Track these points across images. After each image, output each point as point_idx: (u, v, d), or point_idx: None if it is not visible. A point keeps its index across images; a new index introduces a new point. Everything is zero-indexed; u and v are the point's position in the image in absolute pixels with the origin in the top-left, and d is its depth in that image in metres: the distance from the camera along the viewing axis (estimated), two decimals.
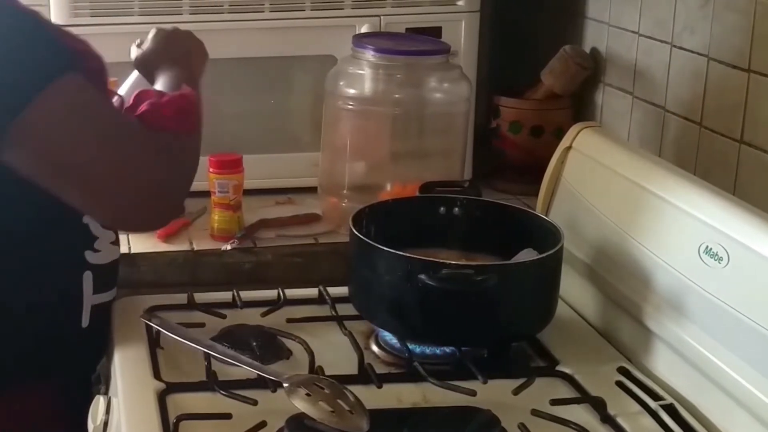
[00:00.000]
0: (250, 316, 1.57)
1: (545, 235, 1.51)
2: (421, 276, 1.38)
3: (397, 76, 1.99)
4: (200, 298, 1.64)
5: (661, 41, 1.91)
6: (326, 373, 1.38)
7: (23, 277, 1.42)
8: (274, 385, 1.33)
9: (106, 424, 1.41)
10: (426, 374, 1.38)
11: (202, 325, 1.54)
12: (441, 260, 1.42)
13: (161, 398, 1.34)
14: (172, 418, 1.28)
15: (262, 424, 1.25)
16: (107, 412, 1.41)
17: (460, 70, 2.03)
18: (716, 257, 1.34)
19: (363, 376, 1.39)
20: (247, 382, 1.36)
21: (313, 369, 1.40)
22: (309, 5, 2.14)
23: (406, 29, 2.14)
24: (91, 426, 1.43)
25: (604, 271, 1.56)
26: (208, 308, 1.59)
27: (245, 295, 1.64)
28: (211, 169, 1.95)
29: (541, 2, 2.44)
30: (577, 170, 1.69)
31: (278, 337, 1.50)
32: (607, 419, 1.31)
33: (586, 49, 2.20)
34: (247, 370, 1.37)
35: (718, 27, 1.74)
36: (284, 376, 1.33)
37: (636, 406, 1.34)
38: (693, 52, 1.82)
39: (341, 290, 1.60)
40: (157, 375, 1.40)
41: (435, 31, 2.15)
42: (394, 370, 1.45)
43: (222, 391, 1.34)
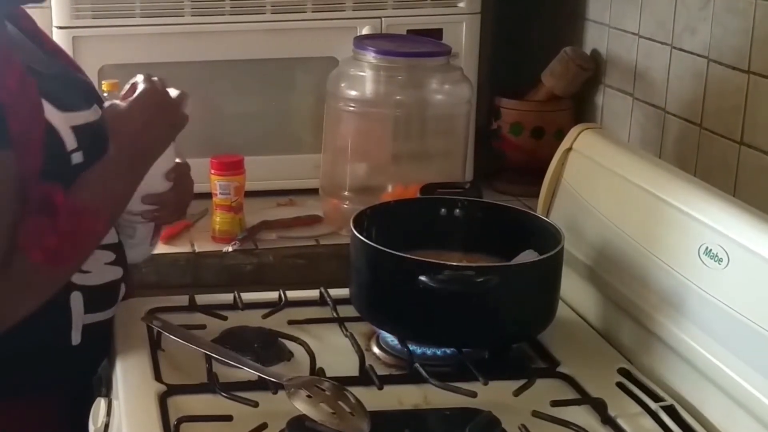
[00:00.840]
0: (252, 318, 1.57)
1: (546, 237, 1.50)
2: (422, 277, 1.38)
3: (399, 78, 1.99)
4: (201, 299, 1.63)
5: (662, 43, 1.91)
6: (327, 375, 1.37)
7: None
8: (275, 387, 1.33)
9: (107, 427, 1.40)
10: (427, 376, 1.37)
11: (203, 326, 1.54)
12: (442, 262, 1.42)
13: (162, 400, 1.34)
14: (173, 420, 1.28)
15: (263, 426, 1.25)
16: (108, 414, 1.41)
17: (461, 72, 2.03)
18: (716, 258, 1.34)
19: (364, 378, 1.39)
20: (248, 384, 1.36)
21: (314, 371, 1.39)
22: (310, 7, 2.14)
23: (407, 31, 2.15)
24: (92, 428, 1.42)
25: (605, 273, 1.56)
26: (210, 310, 1.59)
27: (246, 297, 1.63)
28: (212, 171, 1.95)
29: (542, 4, 2.44)
30: (577, 171, 1.69)
31: (279, 339, 1.50)
32: (608, 420, 1.31)
33: (587, 51, 2.20)
34: (248, 372, 1.37)
35: (719, 28, 1.74)
36: (285, 377, 1.33)
37: (636, 408, 1.34)
38: (693, 53, 1.82)
39: (342, 292, 1.59)
40: (158, 377, 1.40)
41: (436, 33, 2.16)
42: (395, 371, 1.44)
43: (223, 393, 1.33)
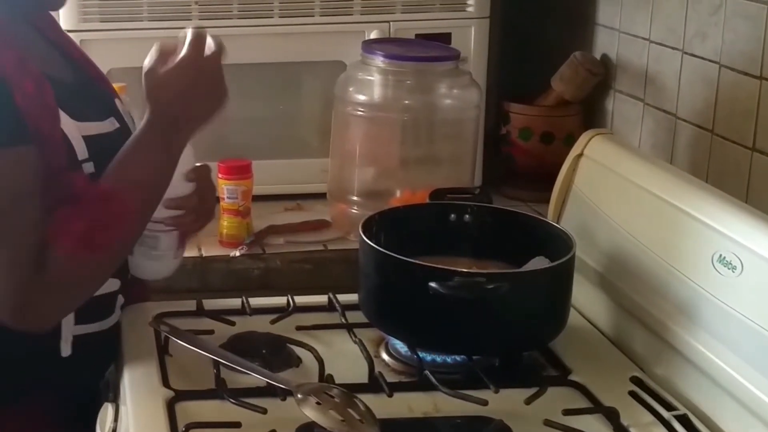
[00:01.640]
0: (260, 323, 1.56)
1: (557, 243, 1.49)
2: (432, 284, 1.37)
3: (407, 82, 1.98)
4: (209, 304, 1.62)
5: (672, 48, 1.90)
6: (336, 382, 1.36)
7: None
8: (284, 394, 1.32)
9: None
10: (437, 383, 1.36)
11: (211, 332, 1.53)
12: (452, 268, 1.41)
13: (170, 406, 1.33)
14: (180, 427, 1.27)
15: None
16: (115, 419, 1.40)
17: (470, 76, 2.03)
18: (730, 266, 1.33)
19: (373, 385, 1.38)
20: (256, 390, 1.35)
21: (323, 377, 1.38)
22: (318, 11, 2.13)
23: (416, 35, 2.14)
24: None
25: (617, 280, 1.55)
26: (217, 315, 1.58)
27: (254, 302, 1.62)
28: (220, 175, 1.95)
29: (552, 8, 2.43)
30: (588, 178, 1.68)
31: (288, 345, 1.49)
32: (621, 429, 1.30)
33: (597, 56, 2.19)
34: (256, 378, 1.36)
35: (730, 34, 1.73)
36: (294, 384, 1.32)
37: (649, 417, 1.33)
38: (704, 58, 1.81)
39: (351, 297, 1.58)
40: (165, 382, 1.39)
41: (445, 37, 2.15)
42: (405, 378, 1.43)
43: (231, 399, 1.32)
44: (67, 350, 1.42)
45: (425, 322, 1.42)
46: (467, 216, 1.63)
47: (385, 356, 1.49)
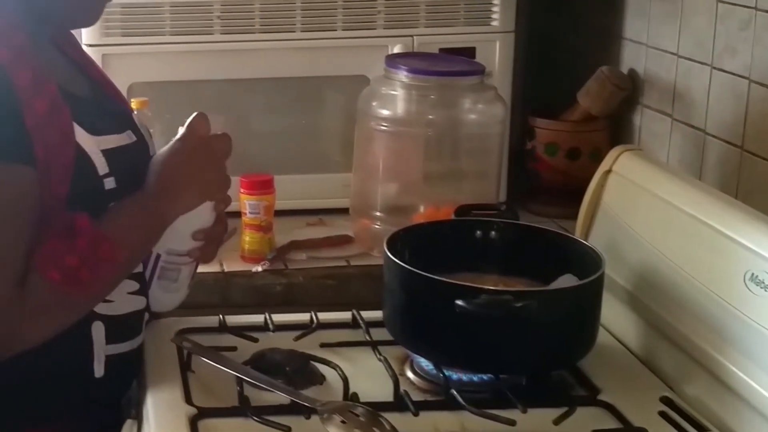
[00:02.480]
0: (283, 340, 1.54)
1: (586, 261, 1.48)
2: (459, 301, 1.35)
3: (431, 97, 1.97)
4: (232, 321, 1.61)
5: (701, 63, 1.88)
6: (361, 400, 1.35)
7: None
8: (308, 412, 1.31)
9: None
10: (464, 402, 1.35)
11: (234, 348, 1.52)
12: (479, 285, 1.39)
13: (193, 423, 1.31)
14: None
15: None
16: None
17: (495, 91, 2.01)
18: (762, 285, 1.31)
19: (399, 404, 1.36)
20: (280, 408, 1.34)
21: (347, 395, 1.37)
22: (341, 25, 2.12)
23: (440, 49, 2.13)
24: None
25: (646, 298, 1.53)
26: (240, 331, 1.57)
27: (277, 319, 1.61)
28: (242, 190, 1.93)
29: (578, 22, 2.41)
30: (617, 194, 1.66)
31: (311, 362, 1.48)
32: None
33: (624, 70, 2.17)
34: (280, 396, 1.34)
35: (760, 48, 1.71)
36: (318, 402, 1.31)
37: None
38: (734, 74, 1.79)
39: (374, 314, 1.57)
40: (188, 399, 1.38)
41: (469, 51, 2.13)
42: (430, 397, 1.42)
43: (255, 417, 1.31)
44: (100, 371, 1.41)
45: (452, 340, 1.40)
46: (493, 233, 1.62)
47: (410, 374, 1.47)
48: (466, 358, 1.41)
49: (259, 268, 1.91)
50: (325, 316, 1.62)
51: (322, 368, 1.46)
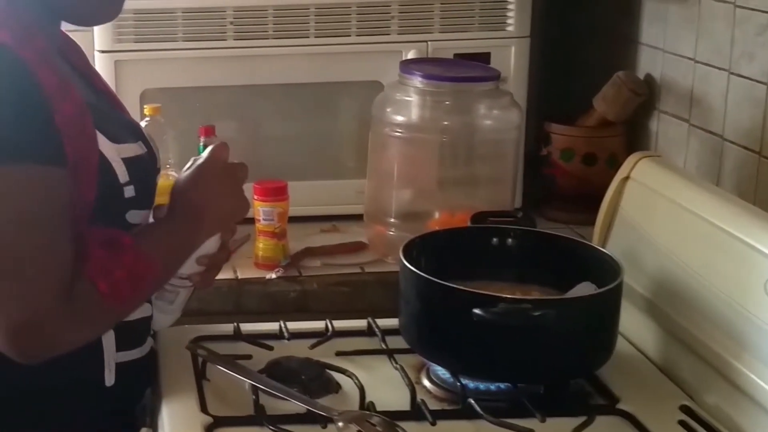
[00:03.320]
0: (298, 348, 1.53)
1: (604, 269, 1.46)
2: (477, 310, 1.34)
3: (446, 103, 1.96)
4: (246, 329, 1.60)
5: (719, 68, 1.87)
6: (377, 409, 1.34)
7: None
8: (325, 421, 1.30)
9: None
10: (481, 411, 1.33)
11: (249, 356, 1.51)
12: (497, 294, 1.38)
13: None
14: None
15: None
16: None
17: (511, 97, 2.00)
18: None
19: (416, 413, 1.35)
20: (296, 417, 1.33)
21: (363, 404, 1.36)
22: (354, 30, 2.11)
23: (454, 55, 2.12)
24: None
25: (665, 306, 1.51)
26: (255, 339, 1.56)
27: (292, 327, 1.60)
28: (255, 197, 1.93)
29: (594, 27, 2.40)
30: (635, 201, 1.65)
31: (327, 371, 1.46)
32: None
33: (640, 75, 2.16)
34: (296, 405, 1.33)
35: None
36: (335, 411, 1.30)
37: None
38: (752, 79, 1.78)
39: (390, 322, 1.56)
40: (204, 408, 1.37)
41: (484, 57, 2.12)
42: (447, 406, 1.40)
43: (271, 426, 1.30)
44: (110, 379, 1.40)
45: (469, 349, 1.39)
46: (510, 240, 1.60)
47: (427, 383, 1.46)
48: (484, 366, 1.40)
49: (273, 275, 1.90)
50: (340, 324, 1.61)
51: (338, 377, 1.45)
